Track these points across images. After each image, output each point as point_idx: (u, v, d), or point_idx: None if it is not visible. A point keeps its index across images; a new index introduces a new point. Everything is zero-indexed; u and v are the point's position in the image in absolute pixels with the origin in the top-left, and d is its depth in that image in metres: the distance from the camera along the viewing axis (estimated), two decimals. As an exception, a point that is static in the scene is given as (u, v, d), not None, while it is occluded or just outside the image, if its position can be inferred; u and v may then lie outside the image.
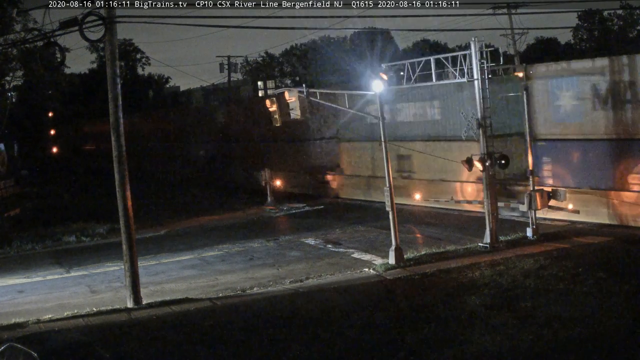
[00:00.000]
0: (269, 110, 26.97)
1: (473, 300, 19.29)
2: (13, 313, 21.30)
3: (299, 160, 46.62)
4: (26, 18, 39.36)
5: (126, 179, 21.93)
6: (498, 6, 48.73)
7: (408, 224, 31.05)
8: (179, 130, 64.67)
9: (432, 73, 26.72)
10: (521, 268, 21.88)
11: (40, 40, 24.57)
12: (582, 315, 17.26)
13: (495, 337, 16.28)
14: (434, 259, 24.35)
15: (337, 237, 30.56)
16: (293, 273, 24.47)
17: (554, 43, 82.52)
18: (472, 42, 25.25)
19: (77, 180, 69.26)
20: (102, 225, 35.94)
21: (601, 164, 28.37)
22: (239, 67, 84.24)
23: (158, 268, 27.05)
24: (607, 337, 15.90)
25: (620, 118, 27.62)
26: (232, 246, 30.20)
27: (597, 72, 28.37)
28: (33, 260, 30.40)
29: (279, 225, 35.79)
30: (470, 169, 25.72)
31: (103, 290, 24.31)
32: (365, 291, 21.41)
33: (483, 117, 25.48)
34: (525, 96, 26.70)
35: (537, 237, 25.97)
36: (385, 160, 24.89)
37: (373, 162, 39.47)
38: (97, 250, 31.82)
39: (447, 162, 32.07)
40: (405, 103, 37.27)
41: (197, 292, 22.69)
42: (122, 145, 21.85)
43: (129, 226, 21.94)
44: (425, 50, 71.86)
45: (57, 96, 51.12)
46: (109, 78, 21.76)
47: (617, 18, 75.18)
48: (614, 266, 21.34)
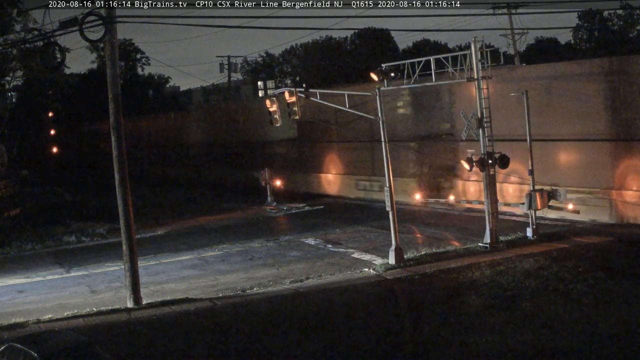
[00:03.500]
0: (269, 110, 27.00)
1: (473, 300, 19.29)
2: (13, 313, 21.30)
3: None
4: (26, 18, 39.31)
5: (126, 179, 21.93)
6: (498, 6, 48.79)
7: (408, 224, 31.06)
8: (178, 130, 64.65)
9: (432, 73, 26.70)
10: (521, 268, 21.87)
11: (40, 40, 24.57)
12: (582, 316, 17.27)
13: (495, 337, 16.27)
14: (434, 259, 24.35)
15: (337, 237, 30.56)
16: (293, 273, 24.47)
17: (554, 43, 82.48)
18: (472, 42, 25.26)
19: (77, 180, 69.26)
20: (102, 225, 35.96)
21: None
22: (239, 67, 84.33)
23: (158, 268, 27.05)
24: (607, 337, 15.88)
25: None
26: (232, 246, 30.20)
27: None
28: (33, 260, 30.41)
29: (279, 225, 35.79)
30: (471, 169, 25.72)
31: (103, 290, 24.31)
32: (365, 291, 21.40)
33: (483, 116, 25.46)
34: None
35: (537, 237, 25.96)
36: (386, 160, 24.88)
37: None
38: (97, 250, 31.83)
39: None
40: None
41: (197, 292, 22.69)
42: (122, 145, 21.84)
43: (129, 226, 21.93)
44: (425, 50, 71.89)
45: (57, 96, 51.06)
46: (109, 78, 21.76)
47: (617, 18, 75.14)
48: (614, 266, 21.34)
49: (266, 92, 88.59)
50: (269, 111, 27.02)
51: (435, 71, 26.03)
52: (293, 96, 26.14)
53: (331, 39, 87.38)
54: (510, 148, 26.95)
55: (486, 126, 25.33)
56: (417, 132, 37.56)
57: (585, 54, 70.74)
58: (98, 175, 64.53)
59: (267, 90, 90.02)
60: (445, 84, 29.94)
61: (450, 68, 25.78)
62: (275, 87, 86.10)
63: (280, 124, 27.59)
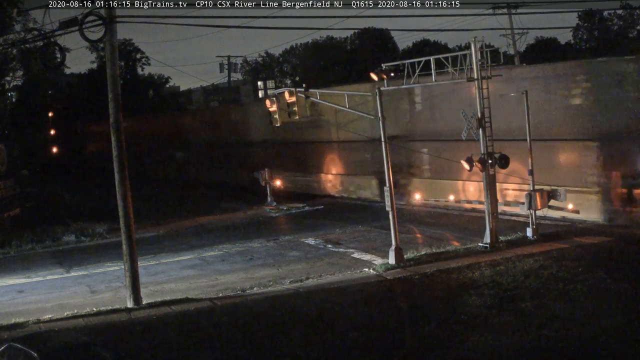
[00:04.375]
0: (269, 110, 27.00)
1: (473, 300, 19.29)
2: (13, 313, 21.29)
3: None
4: (26, 18, 39.39)
5: (126, 178, 21.92)
6: (498, 6, 48.76)
7: (408, 224, 31.06)
8: (178, 130, 64.64)
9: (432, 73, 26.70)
10: (521, 268, 21.88)
11: (40, 40, 24.55)
12: (582, 315, 17.27)
13: (495, 337, 16.28)
14: (433, 259, 24.35)
15: (337, 237, 30.56)
16: (293, 273, 24.47)
17: (554, 43, 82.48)
18: (472, 42, 25.26)
19: (77, 180, 69.24)
20: (102, 225, 35.92)
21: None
22: (239, 67, 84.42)
23: (158, 268, 27.05)
24: (607, 337, 15.89)
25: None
26: (232, 246, 30.20)
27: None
28: (33, 260, 30.40)
29: (279, 225, 35.79)
30: (471, 168, 25.72)
31: (103, 290, 24.31)
32: (365, 291, 21.40)
33: (483, 116, 25.47)
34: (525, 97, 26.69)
35: (537, 237, 25.97)
36: (385, 160, 24.89)
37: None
38: (97, 250, 31.82)
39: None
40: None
41: (197, 292, 22.69)
42: (122, 145, 21.84)
43: (129, 226, 21.93)
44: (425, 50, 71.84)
45: (57, 96, 51.07)
46: (109, 78, 21.75)
47: (617, 18, 75.18)
48: (614, 266, 21.34)
49: (266, 92, 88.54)
50: (269, 111, 27.02)
51: (436, 71, 26.03)
52: (293, 96, 26.15)
53: (331, 39, 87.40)
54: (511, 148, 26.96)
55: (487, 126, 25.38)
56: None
57: (585, 54, 70.70)
58: (98, 175, 64.48)
59: (267, 90, 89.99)
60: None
61: (450, 68, 25.78)
62: (275, 87, 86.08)
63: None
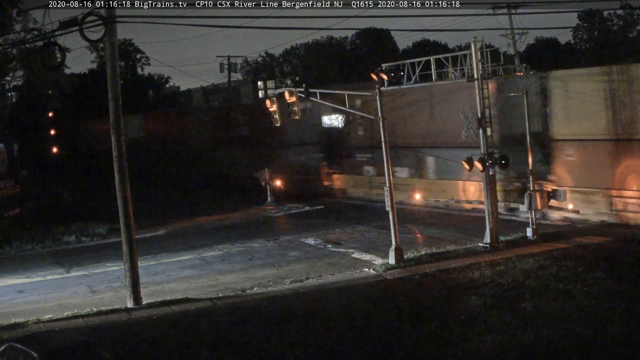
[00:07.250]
0: (269, 110, 27.01)
1: (473, 300, 19.29)
2: (13, 313, 21.29)
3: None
4: (26, 18, 39.34)
5: (126, 179, 21.92)
6: (498, 6, 48.72)
7: (408, 224, 31.05)
8: (178, 130, 64.60)
9: (432, 73, 26.73)
10: (521, 268, 21.88)
11: (40, 40, 24.58)
12: (582, 315, 17.27)
13: (495, 337, 16.28)
14: (434, 259, 24.35)
15: (337, 237, 30.56)
16: (293, 273, 24.47)
17: (554, 43, 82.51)
18: (472, 42, 25.26)
19: (77, 180, 69.23)
20: (102, 225, 35.91)
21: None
22: (239, 67, 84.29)
23: (158, 268, 27.05)
24: (607, 337, 15.89)
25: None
26: (232, 246, 30.20)
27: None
28: (33, 260, 30.40)
29: (279, 225, 35.78)
30: (471, 168, 25.72)
31: (103, 290, 24.31)
32: (365, 291, 21.40)
33: (483, 116, 25.47)
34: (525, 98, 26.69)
35: (537, 237, 25.97)
36: (385, 160, 24.89)
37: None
38: (97, 250, 31.82)
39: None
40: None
41: (197, 292, 22.69)
42: (122, 145, 21.84)
43: (129, 226, 21.93)
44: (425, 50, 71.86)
45: (57, 96, 51.04)
46: (109, 78, 21.75)
47: (617, 18, 75.16)
48: (614, 266, 21.34)
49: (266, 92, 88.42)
50: (269, 111, 27.03)
51: (436, 71, 26.05)
52: (293, 96, 26.15)
53: (331, 39, 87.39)
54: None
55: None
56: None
57: (585, 54, 70.79)
58: (98, 175, 64.46)
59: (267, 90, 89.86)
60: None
61: (450, 68, 25.80)
62: (275, 87, 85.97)
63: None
